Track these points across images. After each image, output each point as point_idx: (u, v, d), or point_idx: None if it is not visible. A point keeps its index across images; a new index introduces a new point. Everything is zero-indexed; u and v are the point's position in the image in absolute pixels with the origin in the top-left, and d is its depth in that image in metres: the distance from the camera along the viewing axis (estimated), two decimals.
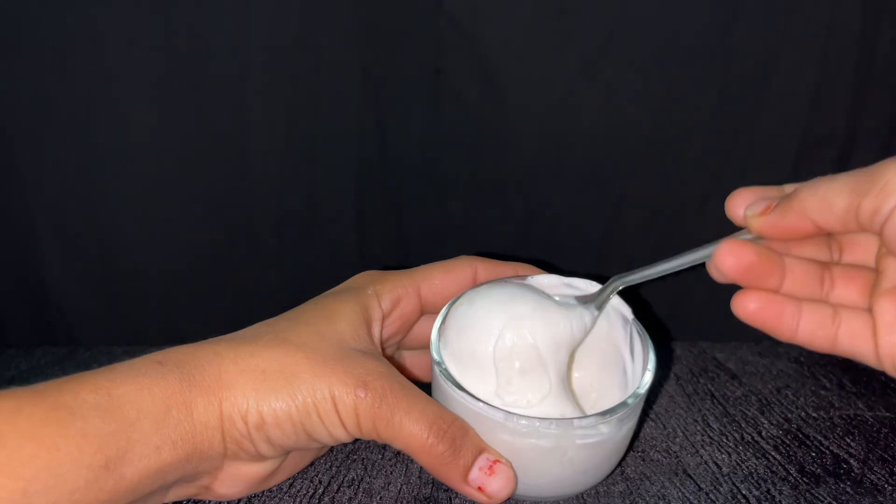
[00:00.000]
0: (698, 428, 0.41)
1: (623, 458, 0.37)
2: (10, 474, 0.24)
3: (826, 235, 0.30)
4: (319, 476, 0.36)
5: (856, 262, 0.30)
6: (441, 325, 0.35)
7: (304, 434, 0.30)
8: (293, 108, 0.46)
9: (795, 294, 0.29)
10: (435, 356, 0.34)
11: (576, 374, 0.38)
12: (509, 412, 0.31)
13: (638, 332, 0.36)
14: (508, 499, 0.32)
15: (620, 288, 0.34)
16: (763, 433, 0.41)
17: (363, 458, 0.38)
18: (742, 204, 0.30)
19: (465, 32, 0.45)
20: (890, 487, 0.35)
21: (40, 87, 0.46)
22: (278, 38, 0.45)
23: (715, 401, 0.45)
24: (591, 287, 0.37)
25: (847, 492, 0.35)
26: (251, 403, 0.29)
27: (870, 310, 0.28)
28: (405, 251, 0.50)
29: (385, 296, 0.36)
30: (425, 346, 0.39)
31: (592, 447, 0.32)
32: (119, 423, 0.27)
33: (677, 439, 0.40)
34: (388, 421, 0.30)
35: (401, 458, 0.38)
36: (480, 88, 0.46)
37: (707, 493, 0.35)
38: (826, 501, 0.34)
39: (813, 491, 0.35)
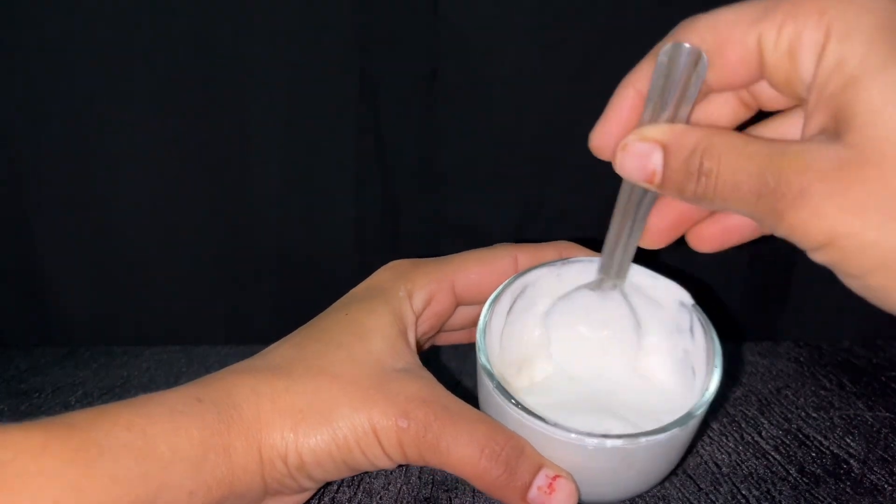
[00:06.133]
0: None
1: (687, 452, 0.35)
2: None
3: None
4: None
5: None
6: (488, 329, 0.33)
7: (346, 468, 0.29)
8: (293, 110, 0.47)
9: None
10: (486, 365, 0.31)
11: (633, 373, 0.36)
12: (570, 430, 0.28)
13: (699, 319, 0.33)
14: None
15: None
16: (763, 433, 0.41)
17: None
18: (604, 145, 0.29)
19: (461, 35, 0.45)
20: (890, 488, 0.35)
21: (40, 87, 0.46)
22: (278, 41, 0.45)
23: (714, 401, 0.45)
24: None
25: (847, 492, 0.35)
26: (290, 445, 0.28)
27: None
28: (403, 249, 0.51)
29: (417, 294, 0.34)
30: (458, 330, 0.38)
31: (658, 455, 0.30)
32: (152, 464, 0.25)
33: None
34: (435, 448, 0.28)
35: None
36: (476, 90, 0.47)
37: (707, 494, 0.35)
38: (826, 502, 0.34)
39: (813, 491, 0.35)
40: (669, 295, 0.34)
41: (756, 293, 0.53)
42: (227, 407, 0.28)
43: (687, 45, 0.26)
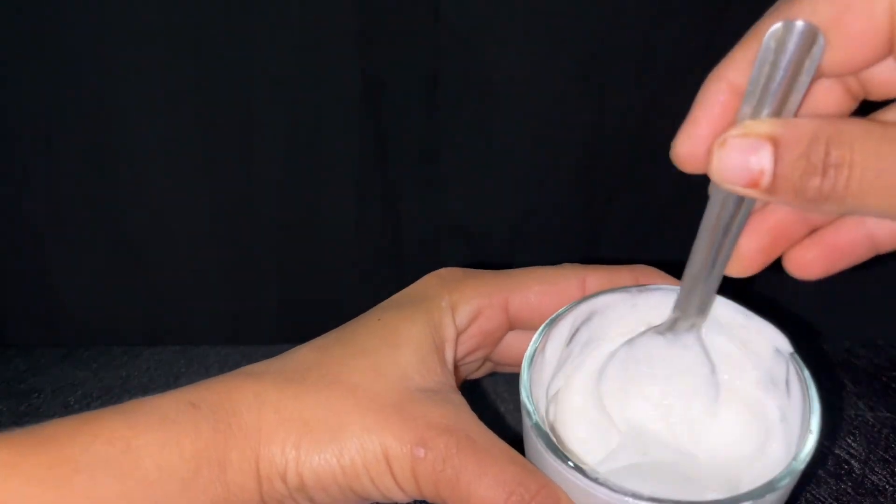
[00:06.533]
0: None
1: None
2: None
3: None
4: None
5: None
6: (538, 358, 0.28)
7: (354, 496, 0.26)
8: (294, 112, 0.47)
9: None
10: (525, 402, 0.26)
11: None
12: (614, 488, 0.24)
13: (797, 371, 0.27)
14: None
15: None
16: None
17: None
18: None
19: (462, 37, 0.45)
20: (891, 488, 0.35)
21: (44, 86, 0.46)
22: (279, 42, 0.45)
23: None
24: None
25: (848, 493, 0.35)
26: (290, 462, 0.24)
27: None
28: (403, 249, 0.51)
29: (462, 307, 0.30)
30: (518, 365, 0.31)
31: None
32: (134, 482, 0.22)
33: None
34: (453, 485, 0.25)
35: None
36: (476, 91, 0.47)
37: None
38: (827, 502, 0.34)
39: (814, 492, 0.35)
40: (763, 339, 0.29)
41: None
42: (226, 414, 0.25)
43: (801, 22, 0.21)
